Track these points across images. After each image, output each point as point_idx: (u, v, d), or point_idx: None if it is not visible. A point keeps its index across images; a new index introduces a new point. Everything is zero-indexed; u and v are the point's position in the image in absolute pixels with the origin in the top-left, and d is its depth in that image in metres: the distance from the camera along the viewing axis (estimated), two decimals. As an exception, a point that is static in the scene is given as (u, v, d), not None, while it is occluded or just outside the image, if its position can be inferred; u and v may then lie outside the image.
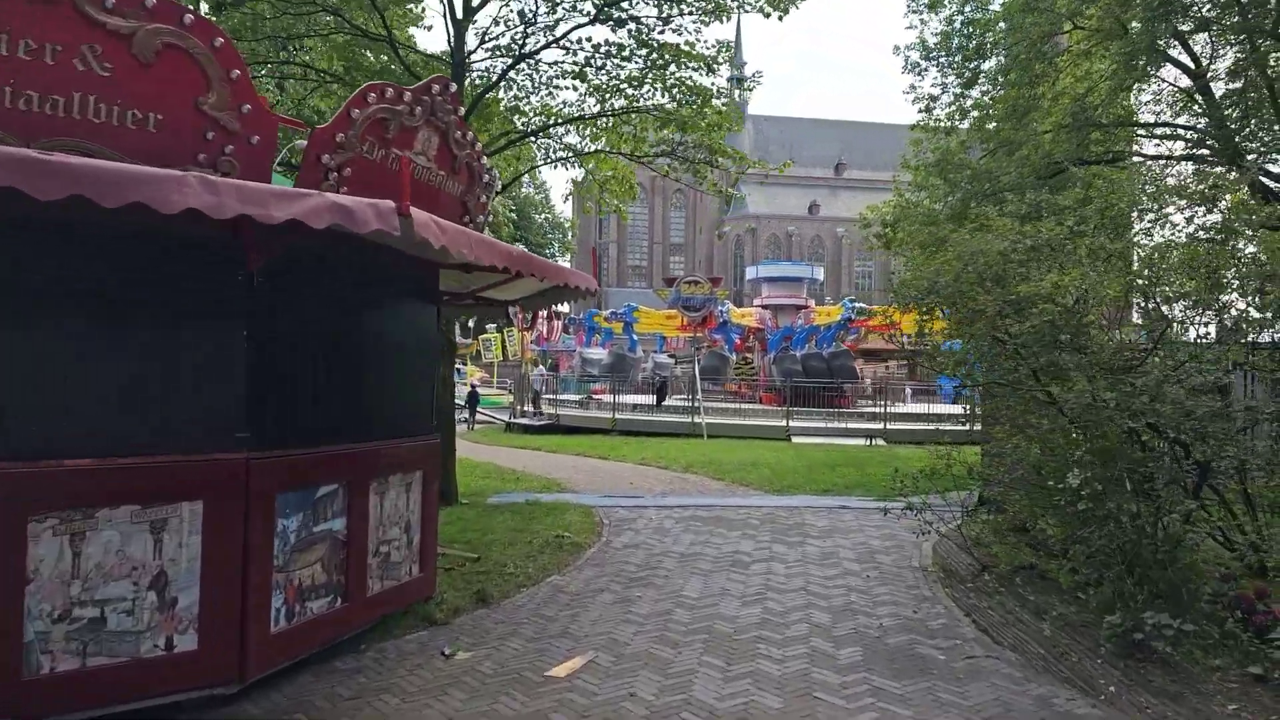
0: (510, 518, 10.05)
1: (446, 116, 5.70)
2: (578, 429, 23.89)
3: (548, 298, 7.79)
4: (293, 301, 5.11)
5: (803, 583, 7.25)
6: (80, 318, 4.30)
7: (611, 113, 12.34)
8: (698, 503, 11.53)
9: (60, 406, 4.21)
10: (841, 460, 16.56)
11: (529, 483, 13.45)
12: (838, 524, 10.05)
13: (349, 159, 4.98)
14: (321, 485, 5.31)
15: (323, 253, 5.23)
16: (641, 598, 6.78)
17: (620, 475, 14.68)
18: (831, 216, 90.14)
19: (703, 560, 8.12)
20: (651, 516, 10.48)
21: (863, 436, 21.59)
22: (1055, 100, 16.88)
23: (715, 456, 16.95)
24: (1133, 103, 18.27)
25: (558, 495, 12.04)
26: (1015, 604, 6.59)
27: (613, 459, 17.39)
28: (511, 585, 7.14)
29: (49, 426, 4.16)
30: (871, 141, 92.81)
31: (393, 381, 6.03)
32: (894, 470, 9.31)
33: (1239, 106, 15.74)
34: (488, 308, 8.56)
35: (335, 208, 3.93)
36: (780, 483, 13.40)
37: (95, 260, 4.31)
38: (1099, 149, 16.62)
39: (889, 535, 9.34)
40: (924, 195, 18.24)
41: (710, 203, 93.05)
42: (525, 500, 11.39)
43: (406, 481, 6.19)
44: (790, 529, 9.68)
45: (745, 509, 11.05)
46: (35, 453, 4.07)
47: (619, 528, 9.74)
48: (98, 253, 4.30)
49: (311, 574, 5.28)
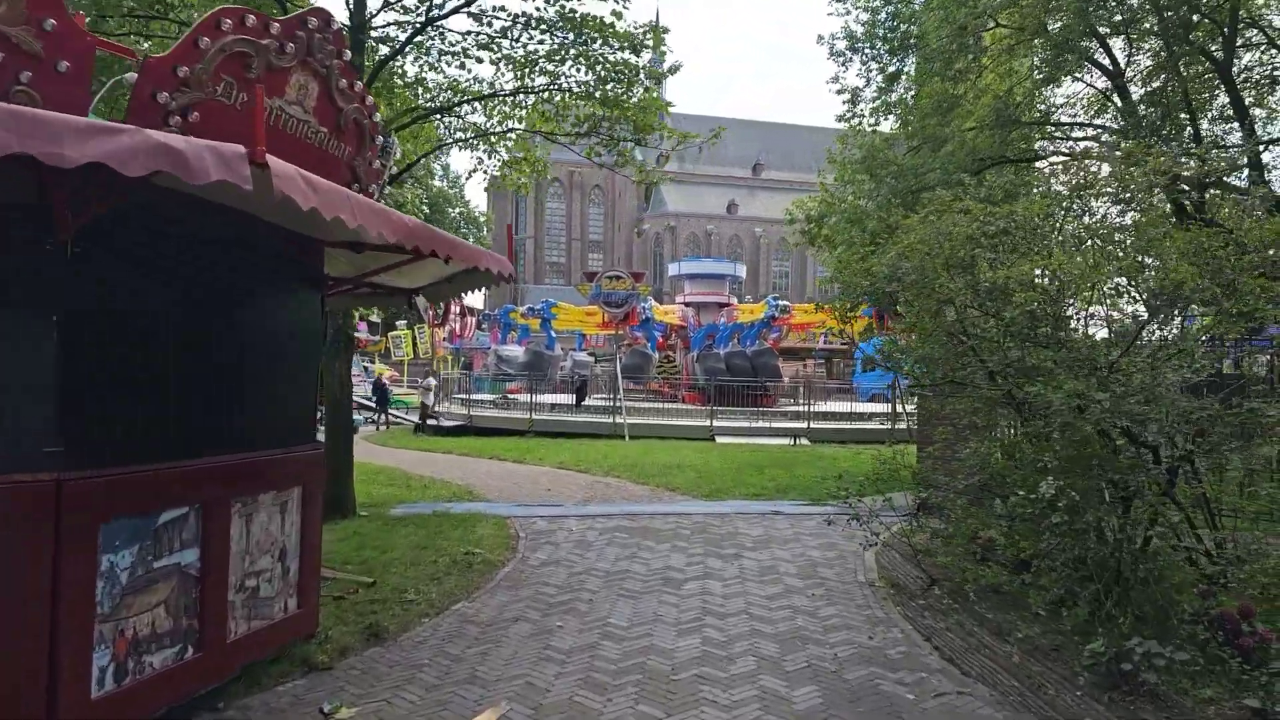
0: (415, 532, 9.04)
1: (328, 60, 4.73)
2: (493, 430, 22.79)
3: (457, 285, 6.84)
4: (125, 280, 4.07)
5: (743, 604, 6.52)
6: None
7: (530, 90, 11.40)
8: (622, 511, 10.72)
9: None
10: (768, 461, 16.01)
11: (438, 491, 12.40)
12: (773, 532, 9.38)
13: (196, 101, 3.97)
14: (166, 510, 4.28)
15: (166, 218, 4.20)
16: (563, 628, 5.92)
17: (538, 480, 13.75)
18: (750, 216, 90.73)
19: (631, 579, 7.31)
20: (572, 527, 9.62)
21: (786, 436, 21.19)
22: (978, 97, 16.78)
23: (638, 459, 16.19)
24: (1050, 103, 18.35)
25: (469, 505, 11.05)
26: (974, 624, 6.00)
27: (530, 462, 16.43)
28: (412, 615, 6.19)
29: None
30: (789, 143, 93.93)
31: (262, 381, 5.01)
32: (837, 476, 8.73)
33: (1159, 107, 15.87)
34: (388, 297, 7.55)
35: (158, 150, 2.96)
36: (708, 486, 12.71)
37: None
38: (1021, 147, 16.57)
39: (828, 544, 8.72)
40: (850, 191, 17.89)
41: (629, 199, 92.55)
42: (433, 511, 10.36)
43: (281, 500, 5.18)
44: (724, 539, 8.96)
45: (673, 517, 10.29)
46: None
47: (536, 541, 8.85)
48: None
49: (152, 620, 4.24)
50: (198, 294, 4.53)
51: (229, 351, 4.75)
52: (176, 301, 4.39)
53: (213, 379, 4.63)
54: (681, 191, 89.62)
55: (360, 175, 5.35)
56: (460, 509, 10.61)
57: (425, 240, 4.38)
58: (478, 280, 6.42)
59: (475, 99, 11.44)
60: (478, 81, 11.73)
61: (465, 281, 6.64)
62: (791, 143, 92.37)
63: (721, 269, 31.94)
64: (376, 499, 11.50)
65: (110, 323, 3.98)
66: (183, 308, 4.42)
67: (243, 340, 4.84)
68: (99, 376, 3.91)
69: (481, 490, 12.48)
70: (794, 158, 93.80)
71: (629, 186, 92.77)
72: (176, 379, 4.38)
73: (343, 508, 9.82)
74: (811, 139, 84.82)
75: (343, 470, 9.93)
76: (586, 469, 15.14)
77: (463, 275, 6.43)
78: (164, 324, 4.30)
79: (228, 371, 4.74)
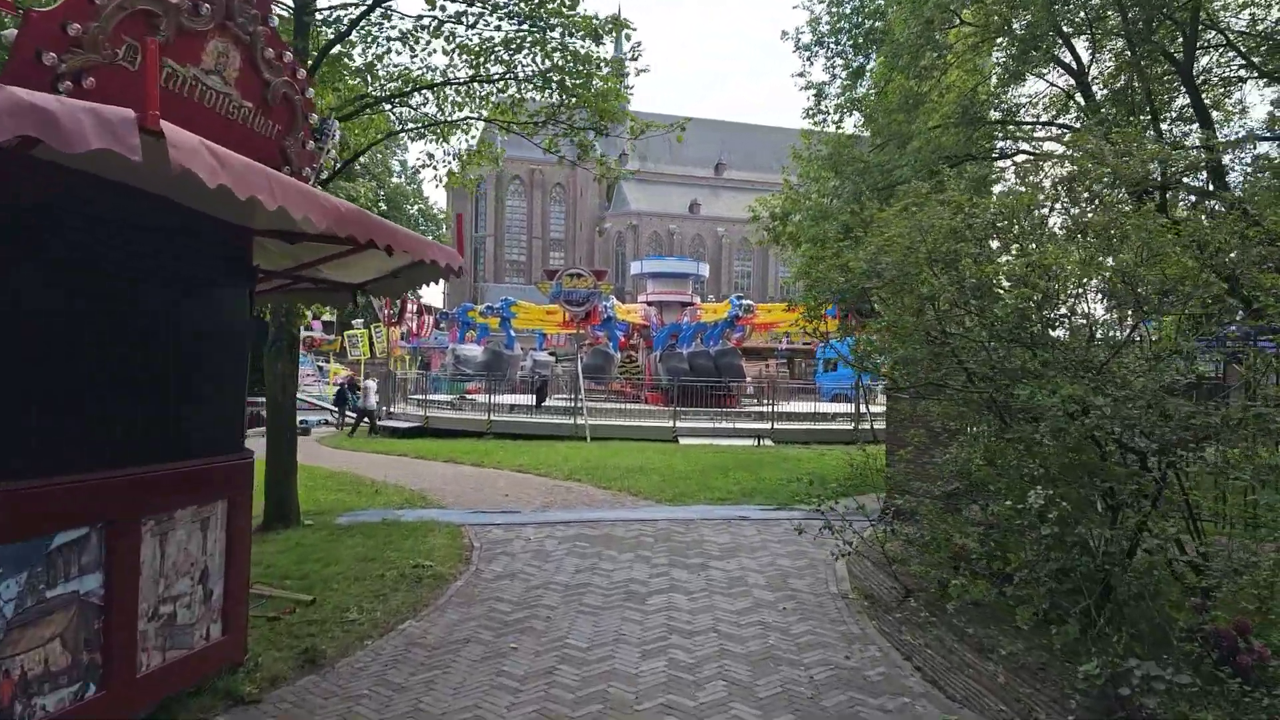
0: (361, 542, 8.51)
1: (251, 25, 4.24)
2: (450, 432, 22.17)
3: (404, 280, 6.34)
4: (8, 267, 3.55)
5: (711, 620, 6.13)
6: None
7: (485, 79, 10.89)
8: (583, 517, 10.29)
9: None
10: (733, 463, 15.68)
11: (389, 496, 11.84)
12: (740, 540, 9.02)
13: (91, 64, 3.47)
14: (61, 531, 3.77)
15: (65, 196, 3.69)
16: (518, 650, 5.48)
17: (495, 485, 13.25)
18: (712, 216, 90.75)
19: (591, 593, 6.88)
20: (530, 536, 9.16)
21: (750, 437, 20.89)
22: (943, 95, 16.65)
23: (600, 461, 15.75)
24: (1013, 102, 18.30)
25: (421, 512, 10.52)
26: (954, 639, 5.69)
27: (488, 465, 15.90)
28: (353, 637, 5.70)
29: None
30: (751, 143, 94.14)
31: (178, 383, 4.50)
32: (808, 480, 8.40)
33: (1122, 107, 15.86)
34: (331, 293, 7.03)
35: (22, 110, 2.47)
36: (672, 490, 12.31)
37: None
38: (986, 145, 16.47)
39: (798, 552, 8.38)
40: (814, 188, 17.62)
41: (591, 198, 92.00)
42: (382, 519, 9.83)
43: (203, 516, 4.67)
44: (689, 548, 8.57)
45: (636, 524, 9.88)
46: None
47: (492, 552, 8.38)
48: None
49: (45, 656, 3.73)
50: (104, 286, 4.01)
51: (139, 350, 4.23)
52: (78, 294, 3.87)
53: (117, 380, 4.11)
54: (644, 190, 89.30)
55: (292, 157, 4.85)
56: (412, 516, 10.08)
57: (359, 227, 3.91)
58: (426, 274, 5.95)
59: (427, 87, 10.91)
60: (430, 70, 11.21)
61: (413, 276, 6.16)
62: (753, 143, 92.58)
63: (685, 268, 31.57)
64: (324, 505, 10.93)
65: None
66: (86, 301, 3.91)
67: (154, 337, 4.32)
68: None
69: (436, 496, 11.96)
70: (756, 158, 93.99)
71: (590, 185, 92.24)
72: (76, 381, 3.86)
73: (285, 516, 9.25)
74: (773, 139, 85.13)
75: (285, 476, 9.36)
76: (546, 472, 14.67)
77: (410, 269, 5.95)
78: (63, 319, 3.78)
79: (137, 372, 4.22)
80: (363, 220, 4.01)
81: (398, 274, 6.19)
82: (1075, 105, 17.18)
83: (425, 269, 5.75)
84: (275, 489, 9.28)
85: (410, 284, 6.39)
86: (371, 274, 6.35)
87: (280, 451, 9.36)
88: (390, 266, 5.96)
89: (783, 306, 33.86)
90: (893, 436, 9.72)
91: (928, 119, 16.11)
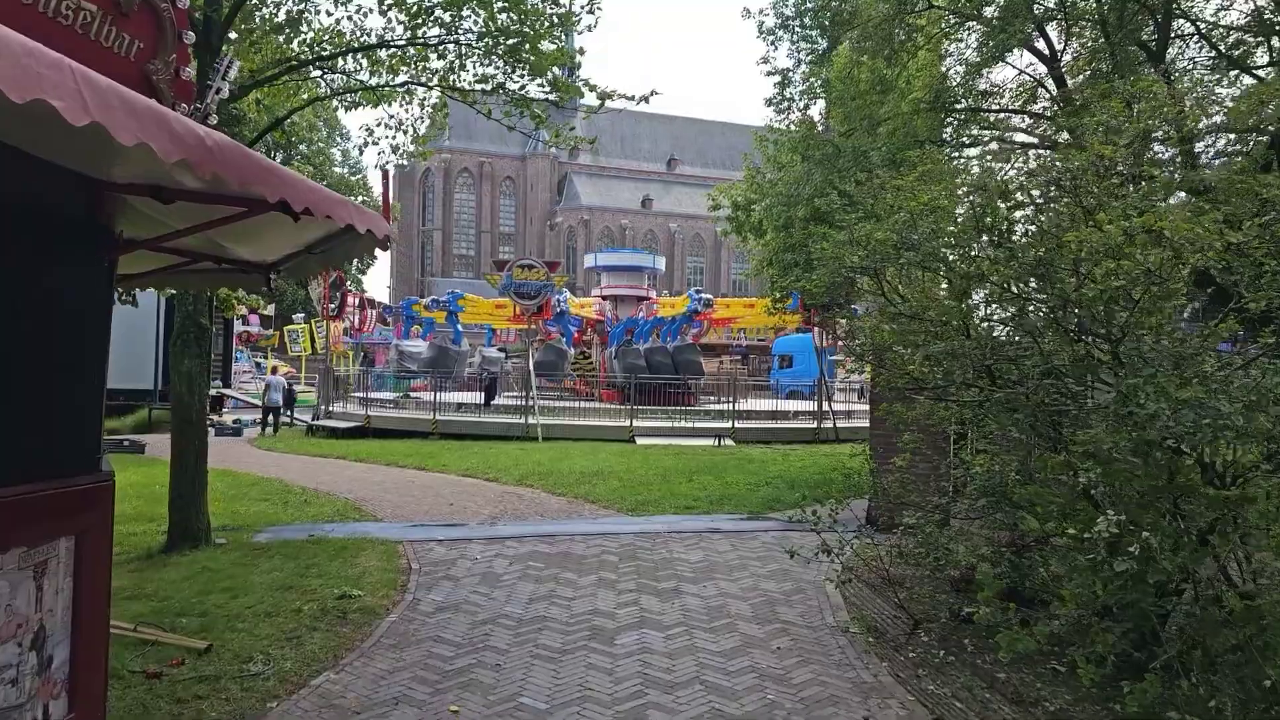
0: (280, 566, 7.35)
1: (87, -108, 3.10)
2: (393, 433, 20.83)
3: (324, 256, 5.20)
4: None
5: (695, 667, 5.13)
6: None
7: (424, 42, 9.70)
8: (537, 531, 9.22)
9: None
10: (695, 466, 14.73)
11: (320, 507, 10.61)
12: (715, 557, 8.05)
13: None
14: None
15: None
16: (459, 716, 4.42)
17: (440, 492, 12.09)
18: (664, 211, 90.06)
19: (550, 629, 5.83)
20: (477, 555, 8.07)
21: (710, 436, 19.98)
22: (913, 78, 15.97)
23: (554, 465, 14.67)
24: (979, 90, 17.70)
25: (354, 527, 9.34)
26: (983, 686, 4.79)
27: (432, 469, 14.72)
28: (254, 699, 4.57)
29: None
30: (703, 139, 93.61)
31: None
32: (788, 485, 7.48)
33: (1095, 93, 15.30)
34: (241, 275, 5.85)
35: None
36: (633, 498, 11.30)
37: None
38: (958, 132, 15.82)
39: (781, 571, 7.44)
40: (780, 175, 16.74)
41: (542, 191, 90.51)
42: (308, 536, 8.63)
43: (36, 561, 3.50)
44: (659, 568, 7.57)
45: (597, 538, 8.85)
46: None
47: (433, 576, 7.28)
48: None
49: None
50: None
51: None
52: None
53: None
54: (595, 185, 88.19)
55: (160, 88, 3.71)
56: (342, 532, 8.90)
57: (235, 170, 2.80)
58: (347, 248, 4.83)
59: (359, 50, 9.70)
60: (365, 34, 9.98)
61: (332, 251, 5.03)
62: (705, 139, 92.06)
63: (640, 260, 30.54)
64: (243, 519, 9.69)
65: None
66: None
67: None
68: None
69: (372, 506, 10.76)
70: (708, 154, 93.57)
71: (542, 178, 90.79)
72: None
73: (192, 535, 8.01)
74: (725, 135, 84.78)
75: (192, 488, 8.10)
76: (496, 477, 13.55)
77: (327, 242, 4.83)
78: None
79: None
80: (243, 161, 2.90)
81: (314, 248, 5.07)
82: (1047, 93, 16.67)
83: (345, 242, 4.66)
84: (180, 503, 8.04)
85: (329, 261, 5.26)
86: (284, 248, 5.21)
87: (187, 460, 8.10)
88: (304, 239, 4.84)
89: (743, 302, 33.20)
90: (882, 441, 8.85)
91: (897, 103, 15.41)
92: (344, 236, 4.53)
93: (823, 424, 21.14)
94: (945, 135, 15.27)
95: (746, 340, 41.42)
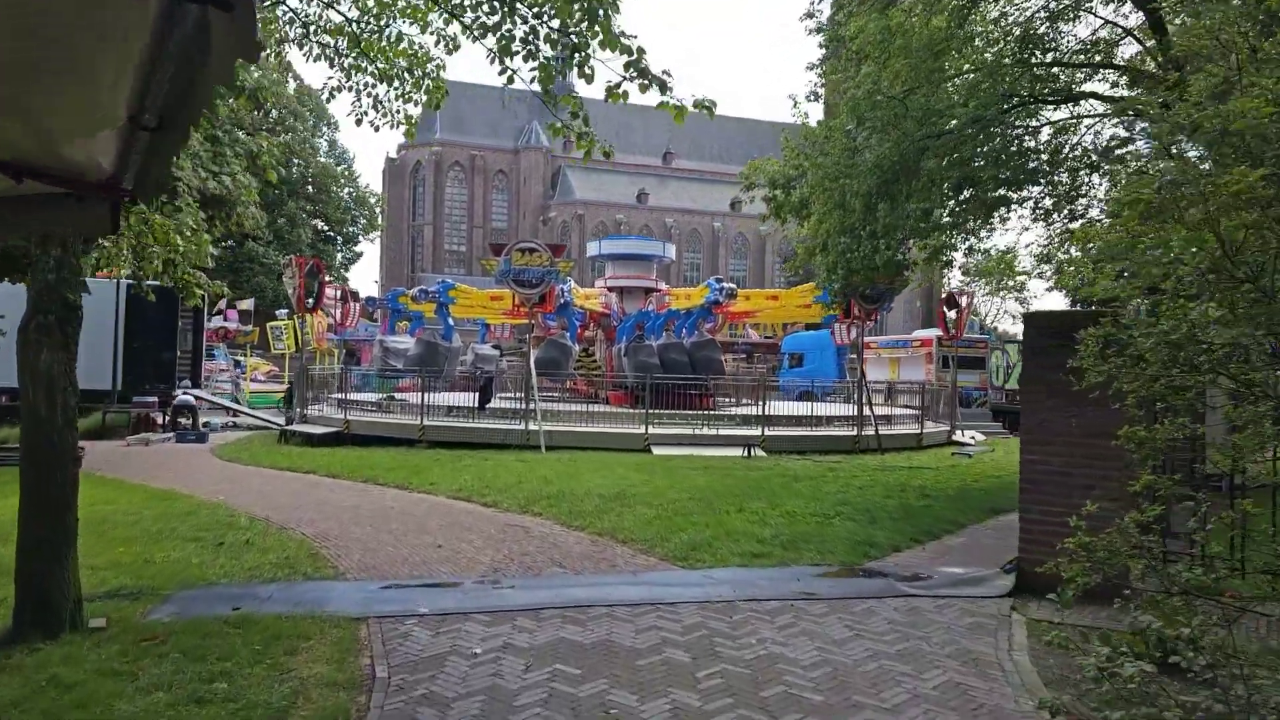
0: (174, 674, 4.71)
1: None
2: (375, 439, 18.11)
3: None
4: None
5: None
6: None
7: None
8: (560, 598, 6.59)
9: None
10: (736, 486, 12.11)
11: (262, 553, 7.91)
12: (835, 652, 5.43)
13: None
14: None
15: None
16: None
17: (425, 525, 9.46)
18: (660, 206, 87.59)
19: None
20: (476, 646, 5.44)
21: (737, 445, 17.36)
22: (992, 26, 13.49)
23: (563, 483, 12.03)
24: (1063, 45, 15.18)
25: (303, 589, 6.69)
26: None
27: (416, 489, 12.08)
28: None
29: None
30: (698, 132, 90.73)
31: None
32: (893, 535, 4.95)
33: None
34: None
35: None
36: (677, 537, 8.64)
37: None
38: (1051, 86, 13.32)
39: (951, 684, 4.86)
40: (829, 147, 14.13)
41: (535, 185, 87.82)
42: (231, 611, 5.97)
43: None
44: (760, 678, 4.95)
45: (648, 612, 6.22)
46: None
47: (408, 691, 4.66)
48: None
49: None
50: None
51: None
52: None
53: None
54: (589, 179, 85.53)
55: None
56: (283, 601, 6.25)
57: None
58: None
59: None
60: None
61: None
62: (701, 132, 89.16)
63: (649, 248, 27.81)
64: (154, 572, 7.05)
65: None
66: None
67: None
68: None
69: (334, 550, 8.11)
70: (704, 148, 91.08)
71: (535, 171, 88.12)
72: None
73: (49, 617, 5.34)
74: (722, 129, 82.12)
75: (53, 541, 5.43)
76: (495, 501, 10.93)
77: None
78: None
79: None
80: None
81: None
82: (1138, 43, 14.20)
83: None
84: (31, 566, 5.38)
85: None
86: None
87: (44, 499, 5.44)
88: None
89: (765, 294, 30.56)
90: (1036, 451, 6.28)
91: (980, 53, 12.94)
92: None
93: (863, 431, 18.59)
94: (1042, 91, 12.81)
95: (756, 336, 38.83)
